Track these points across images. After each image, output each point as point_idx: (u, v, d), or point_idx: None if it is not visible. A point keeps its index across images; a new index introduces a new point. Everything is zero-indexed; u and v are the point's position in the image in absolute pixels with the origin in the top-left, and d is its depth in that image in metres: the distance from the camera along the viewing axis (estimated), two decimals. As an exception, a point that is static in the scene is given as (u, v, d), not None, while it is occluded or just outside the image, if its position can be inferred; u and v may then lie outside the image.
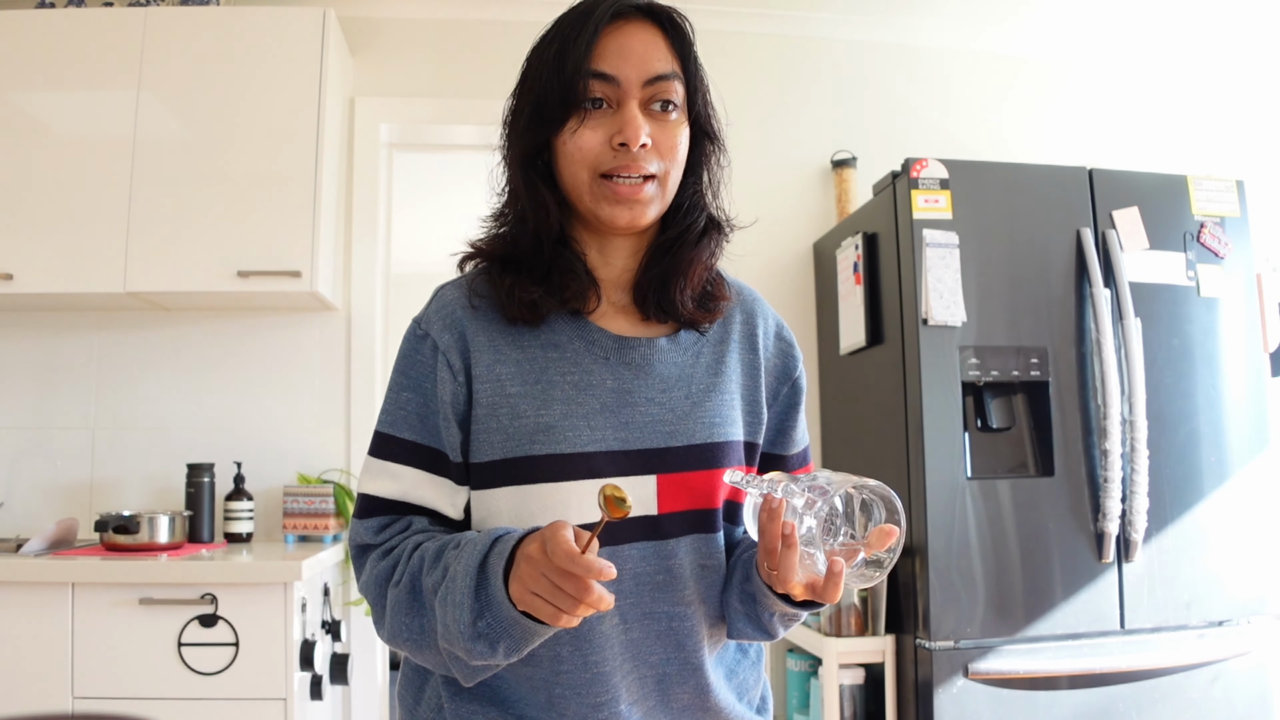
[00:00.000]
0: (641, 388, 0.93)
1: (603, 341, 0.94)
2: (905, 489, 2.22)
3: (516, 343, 0.92)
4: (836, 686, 2.29)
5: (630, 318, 0.97)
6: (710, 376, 0.97)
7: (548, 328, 0.93)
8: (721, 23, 2.98)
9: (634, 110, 0.88)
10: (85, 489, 2.59)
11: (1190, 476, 2.27)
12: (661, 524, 0.91)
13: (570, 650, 0.89)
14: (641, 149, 0.88)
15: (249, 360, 2.66)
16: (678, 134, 0.91)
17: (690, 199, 0.97)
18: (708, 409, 0.95)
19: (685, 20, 0.95)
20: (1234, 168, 2.98)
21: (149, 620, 1.99)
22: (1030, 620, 2.15)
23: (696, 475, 0.93)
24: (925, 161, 2.26)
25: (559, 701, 0.90)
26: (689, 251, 0.95)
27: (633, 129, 0.87)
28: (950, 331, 2.20)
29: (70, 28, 2.42)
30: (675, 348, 0.96)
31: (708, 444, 0.93)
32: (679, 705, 0.95)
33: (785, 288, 2.93)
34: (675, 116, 0.91)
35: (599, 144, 0.88)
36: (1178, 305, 2.32)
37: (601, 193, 0.89)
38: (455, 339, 0.92)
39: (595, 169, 0.89)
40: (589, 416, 0.90)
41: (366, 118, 2.80)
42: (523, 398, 0.90)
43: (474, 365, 0.91)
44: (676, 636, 0.93)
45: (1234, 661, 2.23)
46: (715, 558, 0.95)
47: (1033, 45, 3.15)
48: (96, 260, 2.34)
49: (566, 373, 0.91)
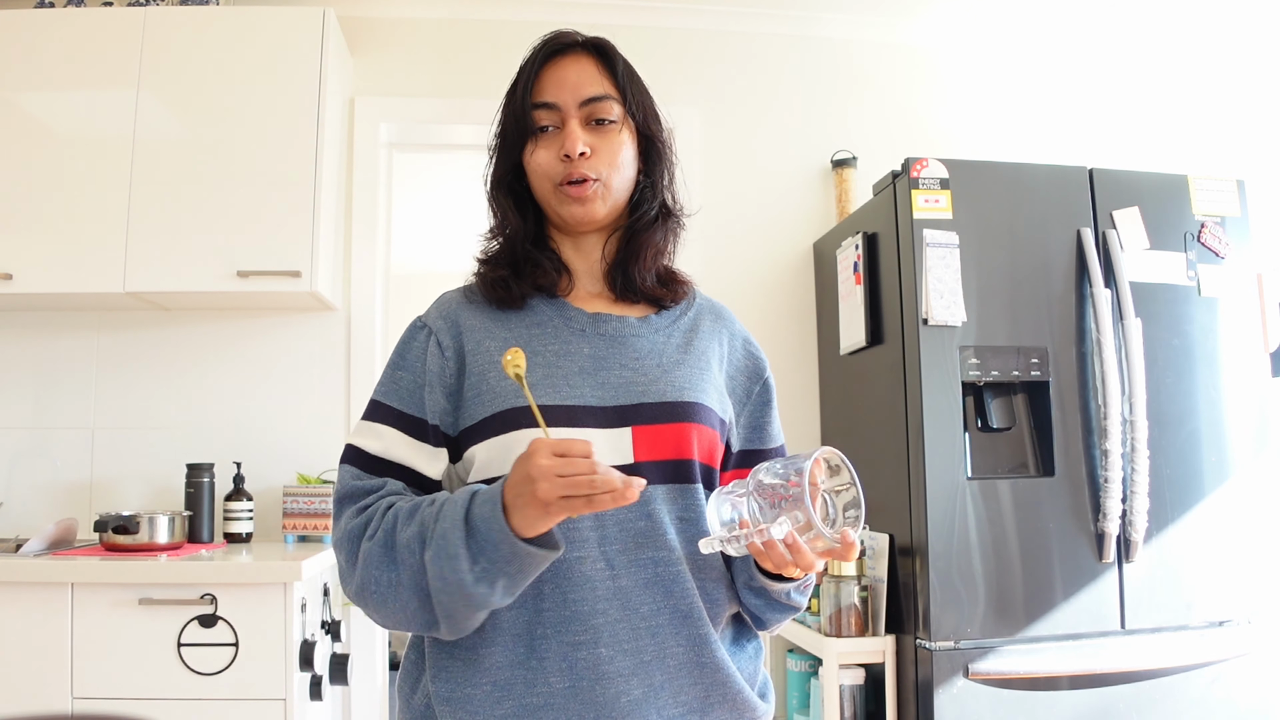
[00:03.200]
0: (616, 356, 1.05)
1: (579, 318, 1.08)
2: (905, 489, 2.22)
3: (504, 324, 1.07)
4: (836, 687, 2.29)
5: (604, 301, 1.12)
6: (680, 353, 1.08)
7: (531, 311, 1.08)
8: (722, 23, 2.99)
9: (573, 127, 1.05)
10: (85, 489, 2.59)
11: (1191, 476, 2.27)
12: (639, 472, 0.98)
13: (551, 589, 0.95)
14: (581, 157, 1.04)
15: (249, 360, 2.66)
16: (616, 141, 1.07)
17: (644, 194, 1.12)
18: (678, 375, 1.05)
19: (613, 48, 1.11)
20: (1234, 167, 2.98)
21: (149, 620, 1.99)
22: (1030, 620, 2.15)
23: (670, 428, 1.01)
24: (925, 161, 2.26)
25: (539, 644, 0.95)
26: (644, 235, 1.11)
27: (571, 142, 1.04)
28: (950, 331, 2.20)
29: (70, 27, 2.42)
30: (646, 327, 1.09)
31: (679, 401, 1.03)
32: (675, 662, 0.97)
33: (785, 288, 2.93)
34: (613, 128, 1.07)
35: (551, 159, 1.06)
36: (1178, 305, 2.32)
37: (560, 198, 1.06)
38: (449, 325, 1.07)
39: (552, 179, 1.06)
40: (568, 377, 1.02)
41: (366, 118, 2.80)
42: None
43: (465, 343, 1.05)
44: (664, 584, 0.98)
45: (1234, 662, 2.23)
46: (694, 510, 1.01)
47: (1033, 45, 3.15)
48: (96, 260, 2.34)
49: (548, 344, 1.05)
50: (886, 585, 2.29)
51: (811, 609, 2.45)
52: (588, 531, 0.96)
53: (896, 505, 2.27)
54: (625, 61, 1.11)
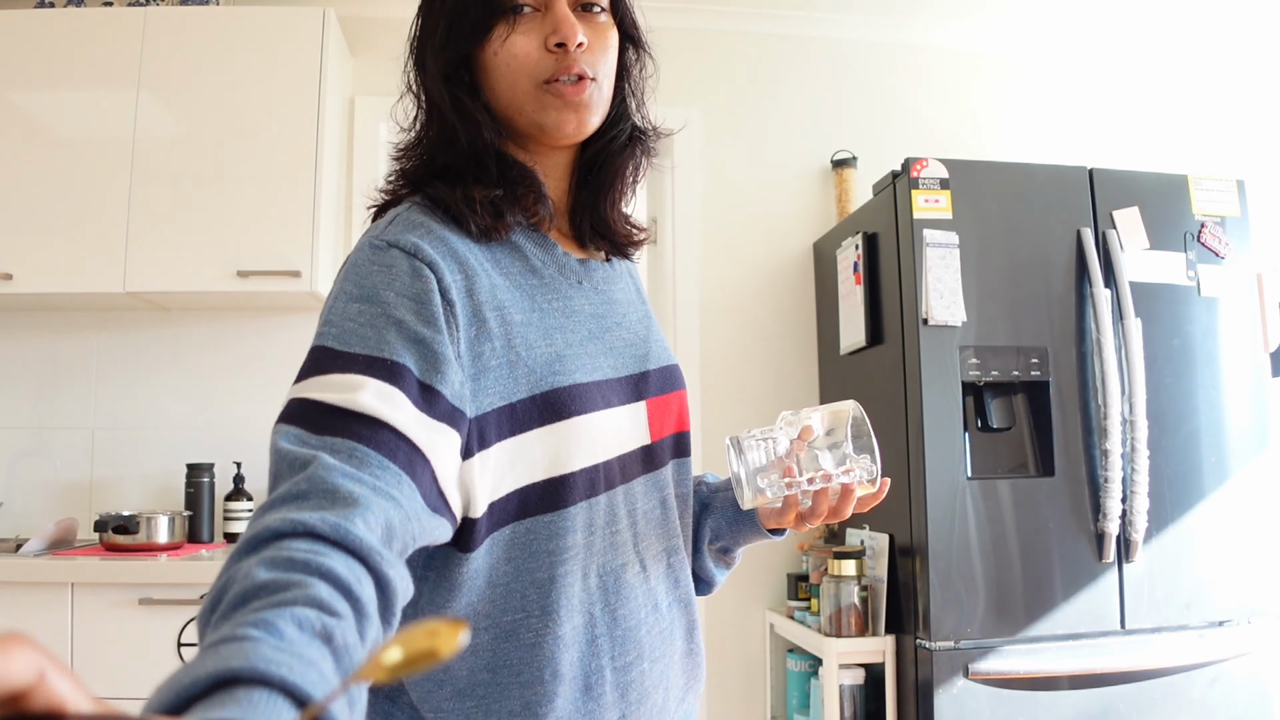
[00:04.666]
0: (609, 312, 0.88)
1: (571, 264, 0.87)
2: (905, 489, 2.22)
3: (501, 268, 0.81)
4: (836, 687, 2.28)
5: (570, 241, 0.91)
6: (642, 304, 0.96)
7: (518, 252, 0.84)
8: (722, 23, 2.99)
9: (564, 9, 0.82)
10: (85, 489, 2.59)
11: (1190, 477, 2.27)
12: (654, 452, 0.88)
13: (601, 609, 0.81)
14: (578, 49, 0.82)
15: (249, 360, 2.66)
16: (608, 34, 0.86)
17: (617, 109, 0.91)
18: (655, 332, 0.94)
19: None
20: (1234, 167, 2.98)
21: (148, 620, 1.99)
22: (1030, 620, 2.15)
23: (671, 397, 0.91)
24: (925, 161, 2.26)
25: (594, 679, 0.79)
26: (615, 162, 0.91)
27: (568, 26, 0.81)
28: (950, 331, 2.20)
29: (70, 27, 2.42)
30: (613, 273, 0.93)
31: (670, 365, 0.92)
32: (678, 653, 0.89)
33: (785, 288, 2.93)
34: (604, 19, 0.86)
35: (534, 49, 0.81)
36: (1178, 305, 2.32)
37: (545, 100, 0.82)
38: (457, 264, 0.78)
39: (535, 76, 0.82)
40: (583, 344, 0.83)
41: (366, 118, 2.80)
42: (527, 326, 0.80)
43: (478, 290, 0.78)
44: (674, 573, 0.89)
45: (1234, 662, 2.23)
46: (686, 484, 0.94)
47: (1033, 45, 3.15)
48: (96, 260, 2.34)
49: (551, 299, 0.83)
50: (886, 585, 2.29)
51: (812, 609, 2.46)
52: (625, 532, 0.83)
53: (896, 505, 2.27)
54: None
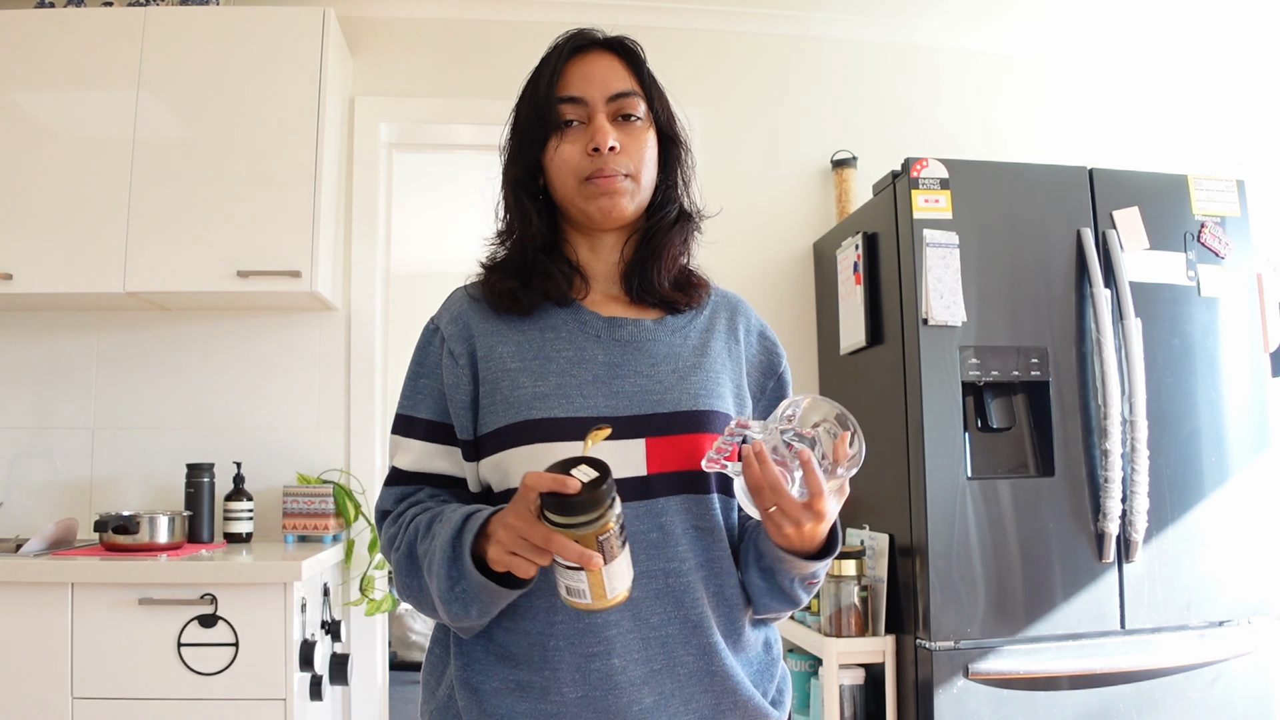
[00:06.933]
0: (631, 362, 1.03)
1: (594, 322, 1.06)
2: (905, 489, 2.22)
3: (516, 328, 1.06)
4: (836, 687, 2.29)
5: (621, 304, 1.10)
6: (696, 356, 1.07)
7: (545, 315, 1.06)
8: (722, 23, 2.99)
9: (602, 121, 1.04)
10: (85, 489, 2.59)
11: (1190, 476, 2.27)
12: (651, 484, 0.98)
13: (563, 603, 0.95)
14: (611, 151, 1.03)
15: (249, 360, 2.66)
16: (643, 138, 1.06)
17: (664, 195, 1.11)
18: (694, 382, 1.04)
19: (637, 45, 1.11)
20: (1234, 168, 2.98)
21: (148, 620, 1.99)
22: (1030, 620, 2.15)
23: (684, 439, 1.00)
24: (925, 161, 2.26)
25: (553, 655, 0.96)
26: (663, 237, 1.10)
27: (602, 135, 1.02)
28: (950, 331, 2.20)
29: (70, 27, 2.42)
30: (662, 329, 1.08)
31: (694, 410, 1.02)
32: (685, 671, 0.98)
33: (785, 288, 2.93)
34: (640, 124, 1.07)
35: (578, 154, 1.04)
36: (1178, 305, 2.32)
37: (586, 192, 1.04)
38: (460, 329, 1.06)
39: (578, 175, 1.04)
40: (581, 387, 1.00)
41: (366, 118, 2.80)
42: (521, 371, 1.02)
43: (478, 349, 1.04)
44: (674, 594, 0.98)
45: (1234, 662, 2.23)
46: (709, 520, 1.01)
47: (1033, 45, 3.15)
48: (96, 260, 2.34)
49: (562, 349, 1.03)
50: (886, 585, 2.29)
51: (811, 609, 2.45)
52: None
53: (896, 505, 2.27)
54: (645, 59, 1.11)
